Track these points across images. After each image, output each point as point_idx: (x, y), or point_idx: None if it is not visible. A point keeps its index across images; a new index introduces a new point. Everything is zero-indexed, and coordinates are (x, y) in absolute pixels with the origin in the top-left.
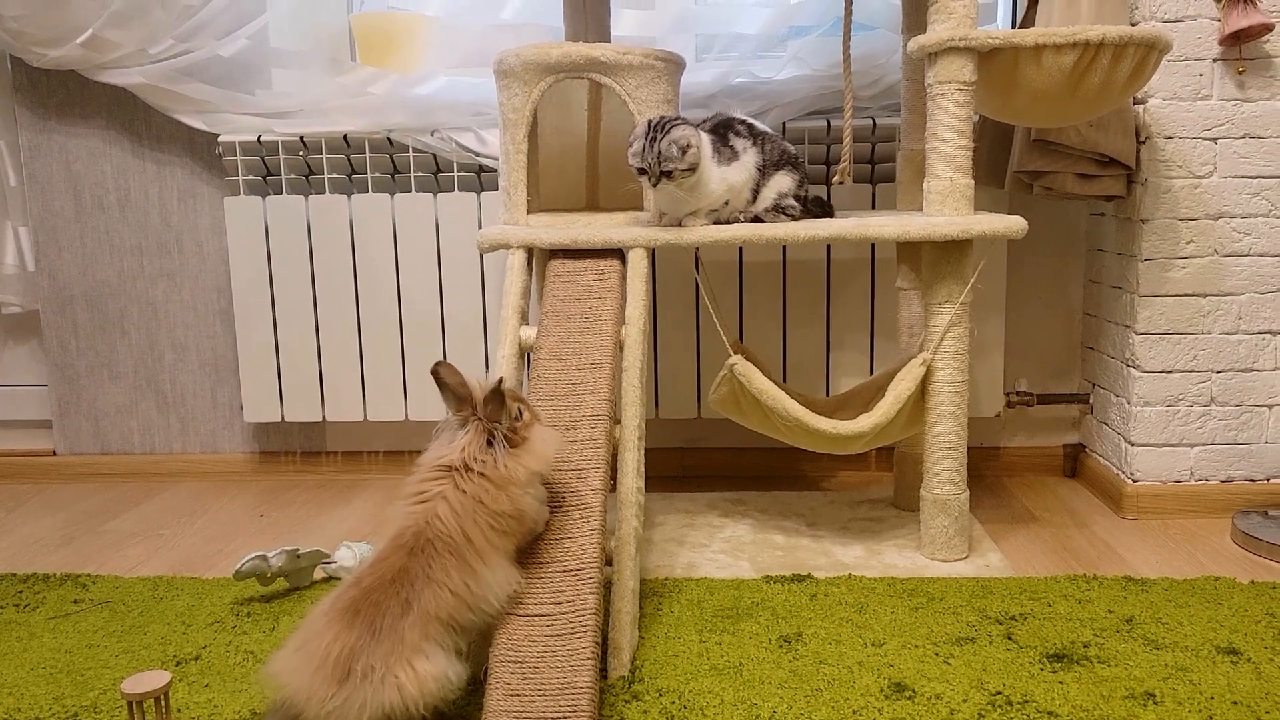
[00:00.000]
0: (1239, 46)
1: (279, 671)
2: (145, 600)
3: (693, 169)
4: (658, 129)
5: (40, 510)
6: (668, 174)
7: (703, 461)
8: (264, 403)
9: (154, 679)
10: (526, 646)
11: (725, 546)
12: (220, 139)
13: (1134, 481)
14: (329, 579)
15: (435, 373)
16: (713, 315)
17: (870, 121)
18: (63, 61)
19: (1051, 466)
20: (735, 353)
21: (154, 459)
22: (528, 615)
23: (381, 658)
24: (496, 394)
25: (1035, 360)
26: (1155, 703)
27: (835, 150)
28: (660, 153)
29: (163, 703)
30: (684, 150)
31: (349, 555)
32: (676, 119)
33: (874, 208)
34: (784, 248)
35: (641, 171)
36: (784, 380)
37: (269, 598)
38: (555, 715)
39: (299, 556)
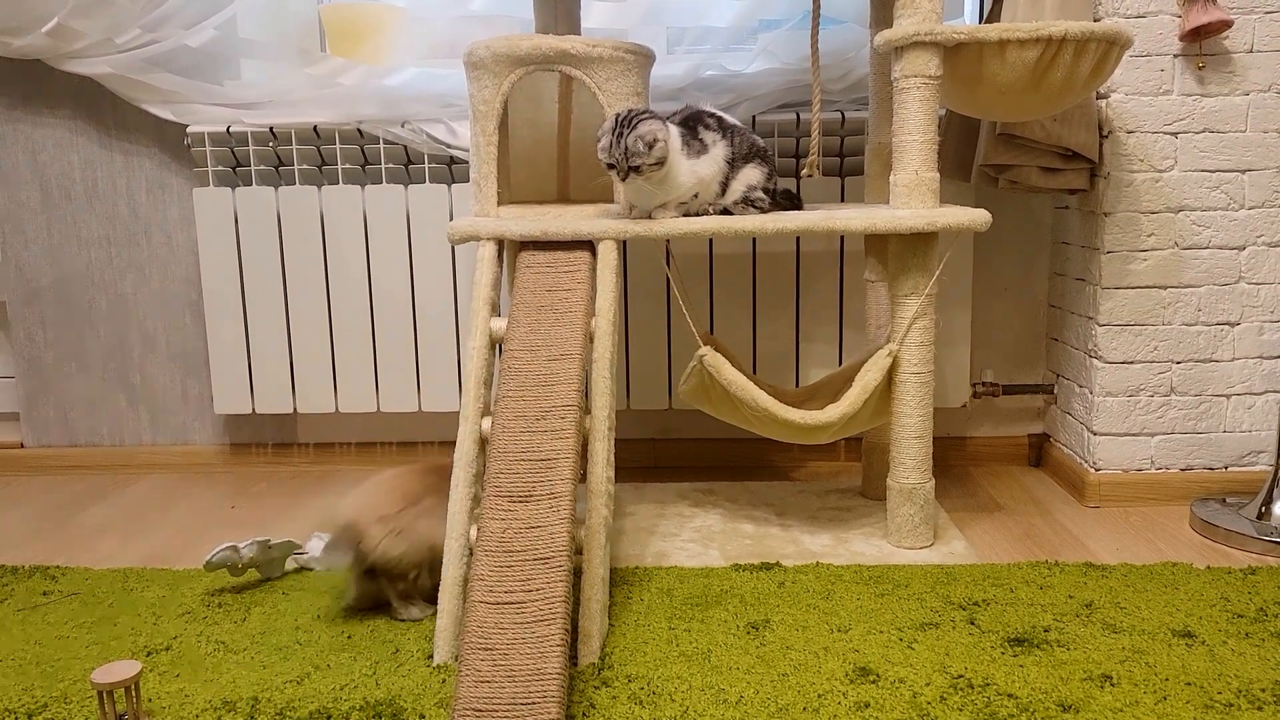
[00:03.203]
0: (1199, 43)
1: (346, 502)
2: (115, 592)
3: (660, 163)
4: (624, 123)
5: (8, 503)
6: (635, 169)
7: (674, 452)
8: (235, 394)
9: (124, 669)
10: (497, 633)
11: (695, 536)
12: (189, 130)
13: (1096, 470)
14: (300, 570)
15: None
16: (682, 307)
17: (839, 115)
18: (27, 50)
19: (1017, 456)
20: (705, 344)
21: (123, 451)
22: (498, 603)
23: (443, 502)
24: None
25: (1001, 351)
26: (1112, 684)
27: (805, 143)
28: (627, 148)
29: (133, 692)
30: (650, 145)
31: (321, 546)
32: (644, 113)
33: (843, 200)
34: (754, 240)
35: (610, 166)
36: (754, 371)
37: (240, 588)
38: (525, 701)
39: (270, 547)
